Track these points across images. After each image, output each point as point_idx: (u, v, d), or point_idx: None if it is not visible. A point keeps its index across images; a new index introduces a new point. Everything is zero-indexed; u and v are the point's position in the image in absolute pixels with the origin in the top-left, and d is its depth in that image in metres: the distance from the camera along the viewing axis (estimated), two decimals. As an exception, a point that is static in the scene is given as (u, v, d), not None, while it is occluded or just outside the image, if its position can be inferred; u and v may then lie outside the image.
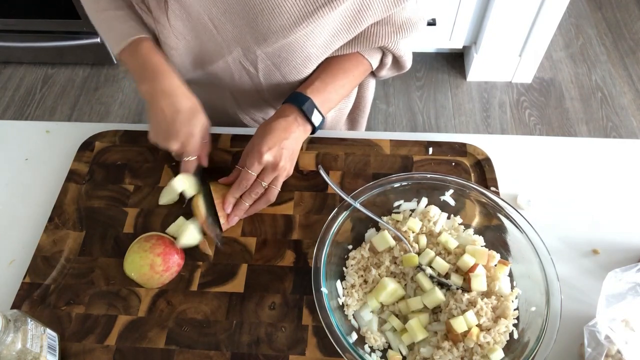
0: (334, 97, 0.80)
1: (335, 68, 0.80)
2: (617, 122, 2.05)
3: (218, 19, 0.71)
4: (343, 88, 0.81)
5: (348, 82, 0.81)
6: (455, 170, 0.81)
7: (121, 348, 0.66)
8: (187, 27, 0.74)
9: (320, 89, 0.78)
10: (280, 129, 0.74)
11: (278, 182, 0.76)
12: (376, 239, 0.70)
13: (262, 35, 0.71)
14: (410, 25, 0.77)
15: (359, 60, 0.81)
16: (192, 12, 0.71)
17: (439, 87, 2.19)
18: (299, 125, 0.75)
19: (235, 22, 0.71)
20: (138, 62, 0.74)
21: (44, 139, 0.89)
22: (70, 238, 0.76)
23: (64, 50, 2.18)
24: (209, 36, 0.74)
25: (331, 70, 0.80)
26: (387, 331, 0.66)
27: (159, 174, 0.82)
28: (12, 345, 0.56)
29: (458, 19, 1.99)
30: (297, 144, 0.76)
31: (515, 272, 0.69)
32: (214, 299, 0.70)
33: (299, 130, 0.75)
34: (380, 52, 0.83)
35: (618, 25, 2.38)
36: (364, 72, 0.84)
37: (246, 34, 0.72)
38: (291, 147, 0.75)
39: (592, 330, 0.60)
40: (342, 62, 0.80)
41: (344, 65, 0.80)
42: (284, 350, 0.66)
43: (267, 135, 0.73)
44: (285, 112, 0.76)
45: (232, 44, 0.75)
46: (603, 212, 0.78)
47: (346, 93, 0.83)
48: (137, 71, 0.75)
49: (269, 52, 0.74)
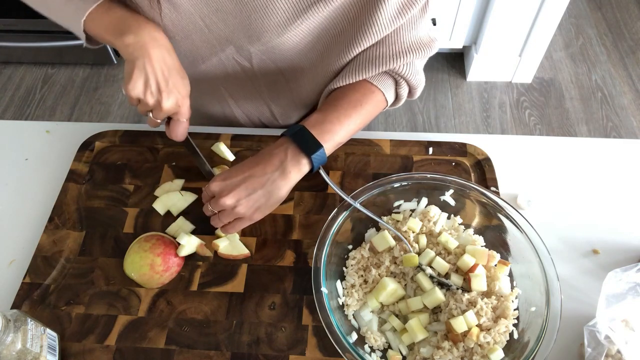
0: (338, 129, 0.70)
1: (339, 99, 0.73)
2: (617, 122, 2.05)
3: (209, 18, 0.69)
4: (349, 119, 0.72)
5: (355, 113, 0.72)
6: (455, 170, 0.81)
7: (121, 348, 0.66)
8: (176, 26, 0.71)
9: (320, 119, 0.70)
10: (252, 166, 0.66)
11: (233, 226, 0.70)
12: (376, 239, 0.70)
13: (256, 34, 0.69)
14: (421, 45, 0.71)
15: (369, 89, 0.74)
16: (183, 11, 0.69)
17: (439, 87, 2.19)
18: (288, 160, 0.67)
19: (227, 20, 0.69)
20: (116, 16, 0.66)
21: (44, 139, 0.89)
22: (70, 238, 0.76)
23: (64, 50, 2.18)
24: (200, 35, 0.72)
25: (335, 101, 0.73)
26: (387, 331, 0.66)
27: (159, 174, 0.82)
28: (12, 345, 0.56)
29: (458, 19, 1.99)
30: (272, 192, 0.67)
31: (515, 272, 0.69)
32: (214, 299, 0.70)
33: (283, 169, 0.66)
34: (392, 81, 0.76)
35: (618, 25, 2.38)
36: (375, 103, 0.75)
37: (239, 33, 0.70)
38: (260, 196, 0.66)
39: (592, 330, 0.60)
40: (348, 92, 0.74)
41: (349, 96, 0.73)
42: (284, 350, 0.66)
43: (233, 170, 0.66)
44: (275, 144, 0.69)
45: (224, 42, 0.73)
46: (603, 212, 0.78)
47: (355, 126, 0.73)
48: (116, 25, 0.66)
49: (263, 49, 0.73)
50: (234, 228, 0.70)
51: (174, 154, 0.84)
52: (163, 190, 0.79)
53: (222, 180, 0.67)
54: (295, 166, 0.67)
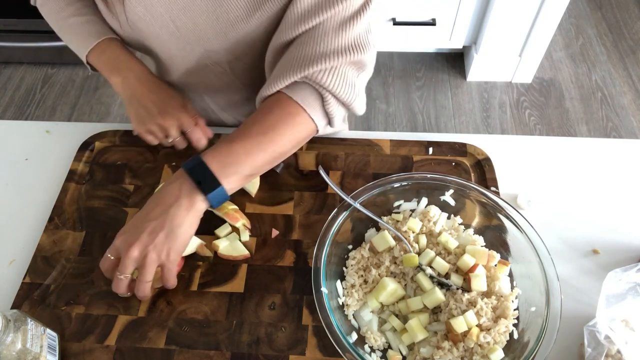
0: (245, 161, 0.64)
1: (251, 124, 0.67)
2: (617, 122, 2.05)
3: (179, 18, 0.71)
4: (259, 148, 0.65)
5: (268, 140, 0.65)
6: (455, 170, 0.81)
7: (121, 348, 0.66)
8: (150, 30, 0.73)
9: (224, 151, 0.64)
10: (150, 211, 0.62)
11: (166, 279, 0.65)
12: (376, 239, 0.70)
13: (222, 30, 0.70)
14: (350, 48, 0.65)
15: (287, 110, 0.67)
16: (154, 12, 0.70)
17: (439, 87, 2.19)
18: (182, 197, 0.62)
19: (195, 19, 0.70)
20: (111, 56, 0.76)
21: (44, 139, 0.89)
22: (70, 238, 0.76)
23: (64, 50, 2.18)
24: (173, 39, 0.74)
25: (245, 127, 0.67)
26: (387, 331, 0.66)
27: (159, 174, 0.82)
28: (12, 345, 0.56)
29: (458, 19, 1.99)
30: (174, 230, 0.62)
31: (515, 272, 0.69)
32: (214, 299, 0.70)
33: (178, 206, 0.62)
34: (317, 97, 0.68)
35: (618, 25, 2.38)
36: (295, 125, 0.68)
37: (207, 31, 0.71)
38: (165, 237, 0.61)
39: (592, 330, 0.60)
40: (263, 115, 0.68)
41: (264, 120, 0.67)
42: (284, 350, 0.66)
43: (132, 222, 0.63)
44: (173, 177, 0.65)
45: (195, 45, 0.74)
46: (603, 212, 0.78)
47: (269, 155, 0.66)
48: (110, 64, 0.76)
49: (229, 47, 0.74)
50: (169, 281, 0.66)
51: (174, 154, 0.84)
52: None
53: (121, 235, 0.63)
54: (190, 204, 0.62)
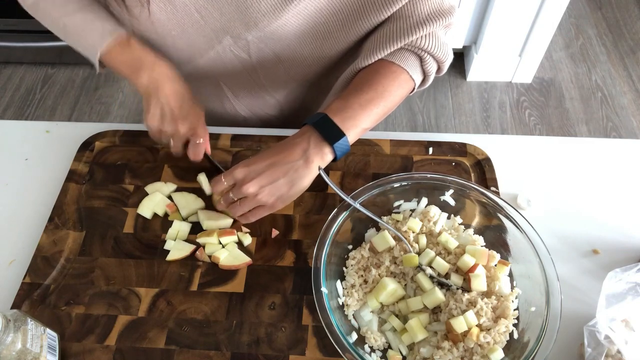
0: (361, 115, 0.69)
1: (360, 83, 0.71)
2: (617, 122, 2.05)
3: (205, 8, 0.69)
4: (372, 103, 0.69)
5: (378, 96, 0.70)
6: (455, 170, 0.81)
7: (121, 348, 0.66)
8: (172, 21, 0.71)
9: (341, 106, 0.69)
10: (276, 154, 0.66)
11: (253, 214, 0.70)
12: (376, 239, 0.70)
13: (253, 19, 0.69)
14: (441, 13, 0.68)
15: (390, 70, 0.71)
16: (177, 4, 0.69)
17: (438, 87, 2.19)
18: (311, 149, 0.66)
19: (223, 9, 0.69)
20: (133, 55, 0.72)
21: (44, 139, 0.89)
22: (70, 238, 0.76)
23: (64, 50, 2.18)
24: (196, 28, 0.72)
25: (356, 86, 0.71)
26: (387, 331, 0.66)
27: (159, 174, 0.82)
28: (12, 345, 0.56)
29: (458, 19, 1.99)
30: (295, 181, 0.66)
31: (515, 272, 0.69)
32: (214, 299, 0.70)
33: (306, 158, 0.66)
34: (416, 59, 0.73)
35: (618, 25, 2.38)
36: (400, 84, 0.72)
37: (235, 21, 0.70)
38: (283, 184, 0.66)
39: (592, 330, 0.60)
40: (369, 75, 0.72)
41: (370, 79, 0.71)
42: (284, 350, 0.66)
43: (256, 158, 0.66)
44: (298, 133, 0.69)
45: (220, 33, 0.73)
46: (603, 212, 0.78)
47: (381, 110, 0.71)
48: (132, 63, 0.72)
49: (260, 36, 0.72)
50: (255, 216, 0.71)
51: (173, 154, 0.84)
52: (153, 188, 0.79)
53: (245, 167, 0.66)
54: (318, 155, 0.66)
